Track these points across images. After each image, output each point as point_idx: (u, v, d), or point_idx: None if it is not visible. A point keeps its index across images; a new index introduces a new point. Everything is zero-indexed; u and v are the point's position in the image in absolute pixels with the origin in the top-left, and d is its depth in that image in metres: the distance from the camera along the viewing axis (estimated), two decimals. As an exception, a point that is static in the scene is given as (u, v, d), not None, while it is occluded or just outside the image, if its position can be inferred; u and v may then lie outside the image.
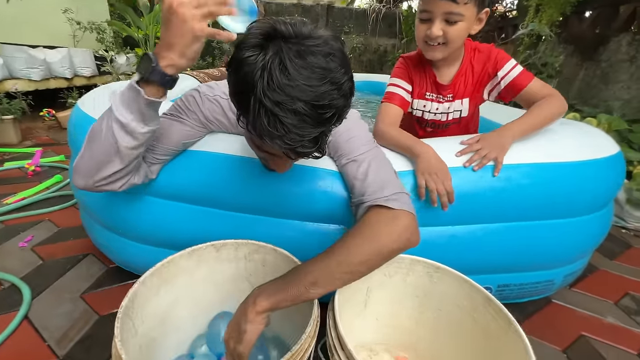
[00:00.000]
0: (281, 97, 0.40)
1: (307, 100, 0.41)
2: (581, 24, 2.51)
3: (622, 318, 0.92)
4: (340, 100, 0.44)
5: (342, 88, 0.44)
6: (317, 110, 0.42)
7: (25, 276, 0.92)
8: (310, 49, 0.41)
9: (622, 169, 0.86)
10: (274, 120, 0.42)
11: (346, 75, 0.44)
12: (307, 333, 0.48)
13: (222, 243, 0.68)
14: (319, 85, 0.41)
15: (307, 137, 0.44)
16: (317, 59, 0.42)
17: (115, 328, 0.47)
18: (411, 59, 0.98)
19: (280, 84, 0.40)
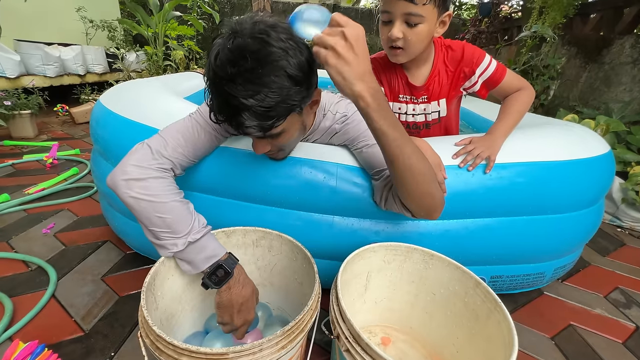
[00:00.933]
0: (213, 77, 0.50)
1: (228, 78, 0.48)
2: (584, 26, 2.53)
3: (611, 310, 0.97)
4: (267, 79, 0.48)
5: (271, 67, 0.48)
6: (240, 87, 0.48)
7: (50, 259, 1.00)
8: (243, 32, 0.49)
9: (612, 168, 0.90)
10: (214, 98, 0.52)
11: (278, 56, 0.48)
12: (309, 305, 0.53)
13: (232, 230, 0.74)
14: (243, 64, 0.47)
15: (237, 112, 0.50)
16: (245, 40, 0.48)
17: (142, 299, 0.53)
18: (380, 60, 0.94)
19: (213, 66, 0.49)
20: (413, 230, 0.80)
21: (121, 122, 0.87)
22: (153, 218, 0.58)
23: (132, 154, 0.61)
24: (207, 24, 4.20)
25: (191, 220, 0.61)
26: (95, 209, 1.29)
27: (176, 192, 0.62)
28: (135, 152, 0.62)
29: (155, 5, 3.20)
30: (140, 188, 0.58)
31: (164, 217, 0.58)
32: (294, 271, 0.74)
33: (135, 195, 0.57)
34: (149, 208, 0.57)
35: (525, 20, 2.68)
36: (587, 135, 0.93)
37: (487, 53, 0.90)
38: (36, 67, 2.60)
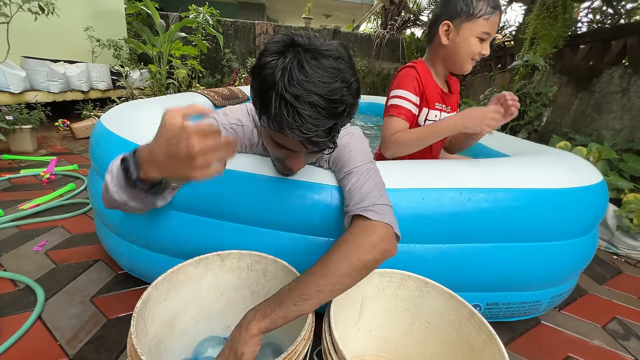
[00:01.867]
0: (299, 91, 0.48)
1: (321, 94, 0.48)
2: (575, 56, 2.63)
3: (609, 341, 0.95)
4: (349, 97, 0.51)
5: (351, 86, 0.52)
6: (330, 103, 0.49)
7: (39, 279, 0.97)
8: (323, 53, 0.50)
9: (605, 197, 0.91)
10: (293, 112, 0.49)
11: (354, 76, 0.52)
12: (302, 336, 0.52)
13: (227, 253, 0.73)
14: (331, 82, 0.49)
15: (321, 127, 0.50)
16: (329, 61, 0.50)
17: (132, 325, 0.52)
18: (422, 69, 1.00)
19: (299, 80, 0.48)
20: (408, 252, 0.79)
21: (119, 142, 0.89)
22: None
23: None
24: (211, 45, 4.33)
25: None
26: (89, 227, 1.28)
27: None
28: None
29: (161, 27, 3.32)
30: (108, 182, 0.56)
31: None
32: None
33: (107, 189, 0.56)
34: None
35: (517, 49, 2.79)
36: (581, 164, 0.95)
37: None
38: (41, 83, 2.65)
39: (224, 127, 0.75)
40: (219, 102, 1.87)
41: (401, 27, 5.41)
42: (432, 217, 0.77)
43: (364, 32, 6.08)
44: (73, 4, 3.23)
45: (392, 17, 5.55)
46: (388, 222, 0.61)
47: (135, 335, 0.51)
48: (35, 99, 2.45)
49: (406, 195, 0.78)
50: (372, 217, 0.60)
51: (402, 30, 5.44)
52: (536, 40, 2.40)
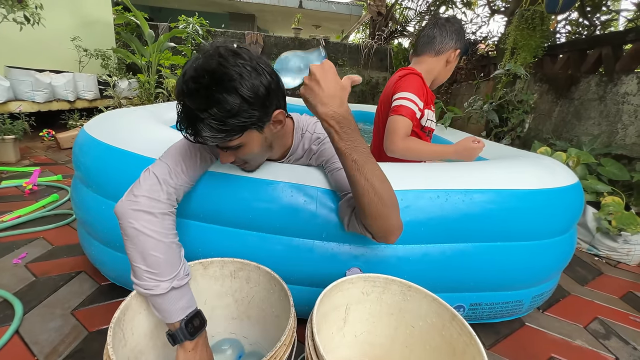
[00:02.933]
0: (178, 89, 0.55)
1: (188, 92, 0.54)
2: (554, 66, 2.74)
3: (591, 341, 0.97)
4: (222, 97, 0.54)
5: (227, 86, 0.54)
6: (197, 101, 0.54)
7: (17, 292, 0.95)
8: (210, 54, 0.55)
9: (580, 198, 0.95)
10: (179, 109, 0.57)
11: (235, 78, 0.54)
12: (281, 341, 0.52)
13: (210, 261, 0.73)
14: (203, 81, 0.53)
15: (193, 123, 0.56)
16: (209, 60, 0.54)
17: (108, 336, 0.51)
18: (421, 76, 1.14)
19: (180, 80, 0.55)
20: (392, 254, 0.80)
21: (103, 149, 0.88)
22: (147, 255, 0.57)
23: (141, 184, 0.62)
24: (201, 55, 4.34)
25: (179, 265, 0.61)
26: (72, 238, 1.26)
27: (175, 232, 0.63)
28: (144, 182, 0.62)
29: (150, 37, 3.32)
30: (146, 222, 0.58)
31: (157, 256, 0.58)
32: (271, 304, 0.72)
33: (139, 227, 0.58)
34: (147, 244, 0.57)
35: (499, 58, 2.89)
36: (556, 167, 0.98)
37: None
38: (25, 92, 2.61)
39: None
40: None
41: (388, 38, 5.54)
42: (412, 218, 0.78)
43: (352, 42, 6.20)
44: (59, 15, 3.21)
45: (379, 27, 5.69)
46: None
47: (111, 346, 0.50)
48: (19, 109, 2.41)
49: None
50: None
51: (390, 41, 5.57)
52: (516, 50, 2.49)
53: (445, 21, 1.14)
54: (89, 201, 0.91)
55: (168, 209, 0.62)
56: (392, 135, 1.04)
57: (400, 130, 1.03)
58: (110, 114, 1.13)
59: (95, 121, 1.05)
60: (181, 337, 0.58)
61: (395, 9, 5.95)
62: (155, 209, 0.60)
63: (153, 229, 0.58)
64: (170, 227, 0.62)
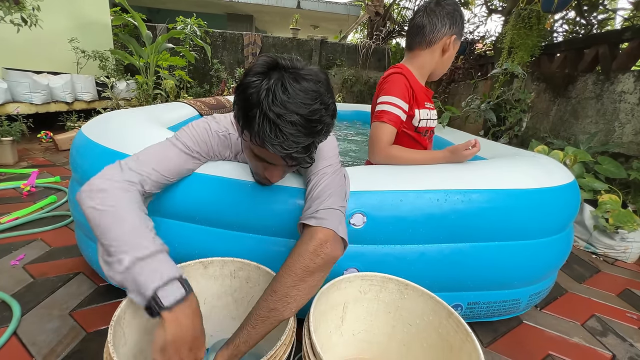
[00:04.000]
0: (282, 110, 0.51)
1: (302, 114, 0.52)
2: (551, 64, 2.75)
3: (588, 339, 0.97)
4: (327, 117, 0.55)
5: (329, 107, 0.56)
6: (310, 123, 0.53)
7: (15, 293, 0.95)
8: (304, 77, 0.53)
9: (577, 197, 0.95)
10: (276, 129, 0.52)
11: (331, 99, 0.57)
12: (282, 340, 0.53)
13: (210, 260, 0.73)
14: (311, 103, 0.53)
15: (300, 145, 0.54)
16: (309, 84, 0.53)
17: (109, 334, 0.51)
18: (408, 74, 1.03)
19: (282, 100, 0.51)
20: (389, 253, 0.81)
21: (100, 151, 0.88)
22: (109, 229, 0.52)
23: (101, 171, 0.61)
24: (199, 56, 4.35)
25: (144, 235, 0.54)
26: (70, 239, 1.26)
27: (140, 206, 0.59)
28: (104, 169, 0.62)
29: (148, 38, 3.32)
30: (101, 198, 0.55)
31: (122, 226, 0.53)
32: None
33: (94, 205, 0.55)
34: (107, 218, 0.53)
35: (497, 57, 2.89)
36: (553, 166, 0.98)
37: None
38: (23, 94, 2.60)
39: (217, 134, 0.76)
40: (205, 111, 1.88)
41: (386, 37, 5.55)
42: (411, 219, 0.79)
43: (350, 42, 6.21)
44: (57, 16, 3.21)
45: (377, 27, 5.70)
46: (329, 226, 0.60)
47: (112, 344, 0.50)
48: (17, 111, 2.41)
49: (385, 197, 0.79)
50: (312, 224, 0.60)
51: (388, 40, 5.58)
52: (514, 49, 2.50)
53: (435, 5, 0.98)
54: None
55: (125, 186, 0.59)
56: (373, 144, 0.98)
57: (382, 139, 0.96)
58: (108, 116, 1.13)
59: (93, 123, 1.05)
60: (156, 306, 0.49)
61: (393, 8, 5.96)
62: (108, 186, 0.57)
63: (110, 203, 0.55)
64: (129, 199, 0.57)
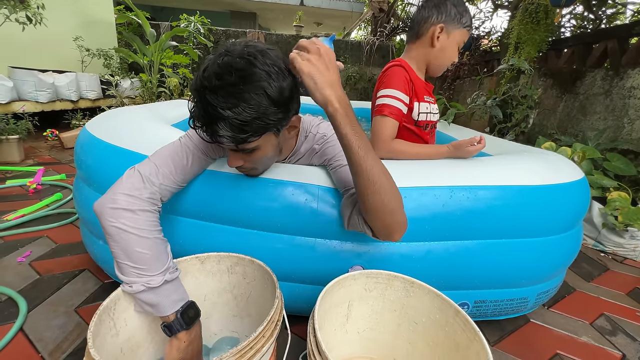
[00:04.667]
0: (198, 86, 0.53)
1: (212, 89, 0.51)
2: (558, 60, 2.70)
3: (597, 338, 0.96)
4: (247, 96, 0.52)
5: (252, 86, 0.52)
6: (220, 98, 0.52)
7: (22, 290, 0.95)
8: (237, 53, 0.53)
9: (586, 194, 0.93)
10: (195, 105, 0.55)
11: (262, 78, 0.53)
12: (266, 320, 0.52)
13: (206, 256, 0.72)
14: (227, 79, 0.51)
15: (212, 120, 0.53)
16: (235, 59, 0.52)
17: (92, 322, 0.51)
18: (408, 67, 1.02)
19: (201, 77, 0.53)
20: (395, 252, 0.80)
21: (104, 148, 0.88)
22: (132, 252, 0.56)
23: (123, 182, 0.61)
24: (203, 54, 4.34)
25: (167, 260, 0.60)
26: (76, 236, 1.26)
27: (159, 229, 0.62)
28: (126, 180, 0.61)
29: (152, 36, 3.32)
30: (126, 219, 0.57)
31: (144, 252, 0.57)
32: (266, 300, 0.71)
33: (119, 225, 0.56)
34: (130, 241, 0.56)
35: (503, 53, 2.85)
36: (561, 163, 0.97)
37: None
38: (28, 93, 2.63)
39: None
40: (208, 109, 1.87)
41: (391, 34, 5.50)
42: (416, 215, 0.77)
43: (354, 39, 6.17)
44: (62, 15, 3.22)
45: (381, 24, 5.64)
46: None
47: (92, 331, 0.49)
48: (23, 109, 2.43)
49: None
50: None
51: (392, 37, 5.53)
52: (520, 44, 2.46)
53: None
54: (90, 200, 0.91)
55: (149, 207, 0.61)
56: (375, 138, 0.96)
57: (384, 132, 0.95)
58: (112, 113, 1.13)
59: (97, 120, 1.05)
60: (178, 327, 0.58)
61: (397, 5, 5.90)
62: (134, 206, 0.58)
63: (134, 226, 0.57)
64: (152, 223, 0.60)
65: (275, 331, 0.53)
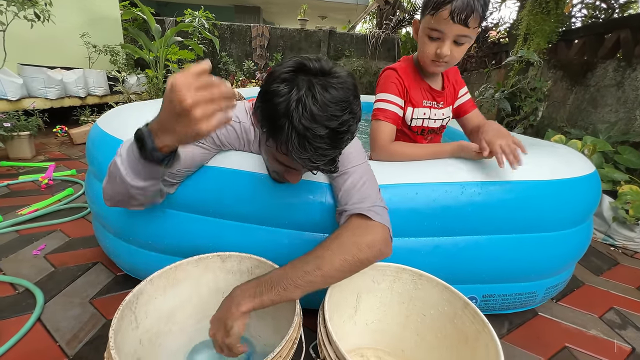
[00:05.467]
0: (312, 124, 0.49)
1: (332, 127, 0.50)
2: (569, 51, 2.64)
3: (606, 331, 0.96)
4: (354, 125, 0.54)
5: (357, 116, 0.54)
6: (338, 135, 0.52)
7: (38, 282, 0.98)
8: (333, 85, 0.51)
9: (597, 188, 0.92)
10: (304, 142, 0.50)
11: (359, 106, 0.55)
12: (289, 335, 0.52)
13: (228, 255, 0.73)
14: (341, 115, 0.51)
15: (329, 157, 0.53)
16: (339, 92, 0.51)
17: (114, 317, 0.52)
18: (403, 71, 0.97)
19: (312, 113, 0.49)
20: (402, 246, 0.80)
21: (116, 144, 0.89)
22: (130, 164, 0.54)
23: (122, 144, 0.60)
24: (207, 49, 4.35)
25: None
26: (88, 230, 1.29)
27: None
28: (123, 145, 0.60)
29: (157, 31, 3.33)
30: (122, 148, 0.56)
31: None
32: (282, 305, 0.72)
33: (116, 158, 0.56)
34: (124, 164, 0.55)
35: (511, 45, 2.80)
36: (572, 156, 0.95)
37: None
38: (38, 89, 2.66)
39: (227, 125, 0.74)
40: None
41: (396, 27, 5.43)
42: (426, 212, 0.78)
43: (359, 32, 6.10)
44: (69, 11, 3.24)
45: (387, 16, 5.57)
46: (386, 224, 0.63)
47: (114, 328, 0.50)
48: (33, 106, 2.46)
49: (400, 190, 0.78)
50: (373, 217, 0.62)
51: (398, 30, 5.46)
52: (530, 36, 2.41)
53: None
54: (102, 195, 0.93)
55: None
56: (374, 143, 0.94)
57: (381, 137, 0.92)
58: (122, 109, 1.14)
59: (108, 116, 1.07)
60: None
61: (403, -3, 5.82)
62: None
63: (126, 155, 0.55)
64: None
65: (292, 350, 0.54)
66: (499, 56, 3.42)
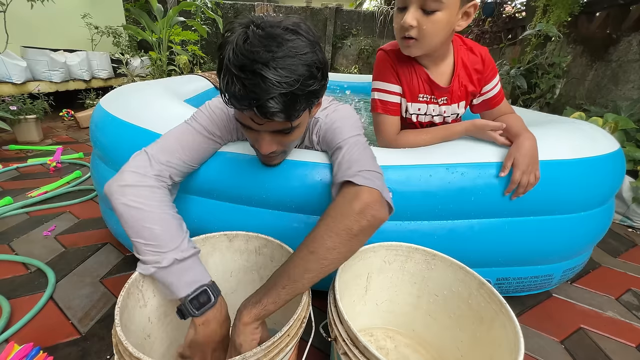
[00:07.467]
0: (243, 60, 0.47)
1: (263, 62, 0.46)
2: (590, 24, 2.49)
3: (623, 313, 0.93)
4: (300, 67, 0.48)
5: (303, 57, 0.49)
6: (276, 71, 0.47)
7: (49, 262, 0.99)
8: (271, 24, 0.49)
9: (622, 167, 0.87)
10: (238, 82, 0.48)
11: (308, 47, 0.50)
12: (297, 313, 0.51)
13: (235, 234, 0.72)
14: (277, 50, 0.47)
15: (268, 95, 0.47)
16: (275, 30, 0.48)
17: (120, 296, 0.51)
18: (395, 52, 0.84)
19: (242, 51, 0.47)
20: (415, 229, 0.77)
21: (119, 125, 0.87)
22: (140, 228, 0.54)
23: (130, 162, 0.60)
24: (211, 29, 4.23)
25: (181, 237, 0.56)
26: (96, 212, 1.29)
27: (169, 204, 0.60)
28: (133, 160, 0.61)
29: (159, 12, 3.24)
30: (133, 195, 0.55)
31: (152, 227, 0.54)
32: None
33: (126, 202, 0.55)
34: (137, 216, 0.54)
35: (529, 19, 2.65)
36: (596, 133, 0.90)
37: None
38: (42, 72, 2.64)
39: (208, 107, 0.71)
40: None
41: (406, 3, 5.20)
42: (440, 194, 0.74)
43: (367, 9, 5.86)
44: (69, -9, 3.17)
45: (396, -8, 5.33)
46: (375, 186, 0.55)
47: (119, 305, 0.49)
48: (38, 89, 2.45)
49: (413, 172, 0.74)
50: (358, 182, 0.55)
51: (407, 6, 5.23)
52: (550, 7, 2.27)
53: None
54: (107, 177, 0.91)
55: (156, 183, 0.59)
56: (380, 137, 0.88)
57: (386, 131, 0.86)
58: (126, 89, 1.11)
59: (111, 96, 1.04)
60: (187, 312, 0.54)
61: (413, -30, 5.53)
62: (141, 183, 0.57)
63: (141, 202, 0.55)
64: (161, 198, 0.58)
65: (300, 329, 0.52)
66: (514, 31, 3.25)
